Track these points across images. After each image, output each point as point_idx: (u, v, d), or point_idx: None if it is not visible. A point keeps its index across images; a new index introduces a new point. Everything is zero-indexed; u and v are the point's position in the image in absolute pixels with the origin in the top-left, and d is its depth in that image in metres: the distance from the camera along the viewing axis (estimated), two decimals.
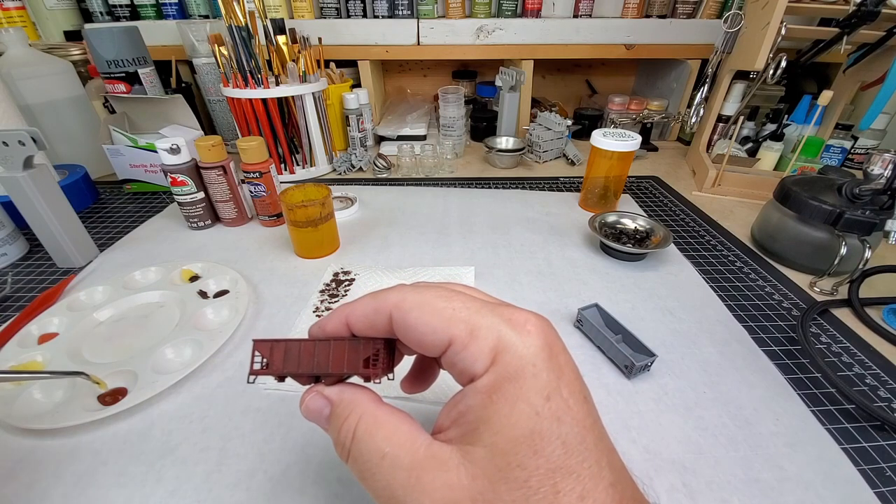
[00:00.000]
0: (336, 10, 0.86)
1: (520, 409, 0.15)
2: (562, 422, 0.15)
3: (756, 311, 0.45)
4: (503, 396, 0.15)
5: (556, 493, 0.14)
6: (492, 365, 0.16)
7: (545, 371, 0.16)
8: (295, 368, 0.20)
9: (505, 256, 0.53)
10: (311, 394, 0.20)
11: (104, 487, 0.28)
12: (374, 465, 0.17)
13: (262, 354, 0.20)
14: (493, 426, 0.15)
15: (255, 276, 0.49)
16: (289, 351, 0.20)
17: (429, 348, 0.18)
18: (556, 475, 0.14)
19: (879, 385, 0.37)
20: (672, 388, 0.36)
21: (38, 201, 0.47)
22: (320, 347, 0.20)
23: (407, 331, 0.18)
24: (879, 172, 0.46)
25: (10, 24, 0.81)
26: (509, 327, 0.17)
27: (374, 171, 0.78)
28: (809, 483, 0.29)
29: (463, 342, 0.17)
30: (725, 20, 0.70)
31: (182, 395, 0.35)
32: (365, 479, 0.17)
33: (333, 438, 0.19)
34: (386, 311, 0.19)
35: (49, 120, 0.69)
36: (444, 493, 0.15)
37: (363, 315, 0.19)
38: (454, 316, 0.17)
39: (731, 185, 0.73)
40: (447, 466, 0.15)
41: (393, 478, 0.16)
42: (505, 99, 0.85)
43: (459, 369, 0.17)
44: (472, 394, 0.16)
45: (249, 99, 0.67)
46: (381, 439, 0.17)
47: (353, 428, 0.18)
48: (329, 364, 0.20)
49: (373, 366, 0.19)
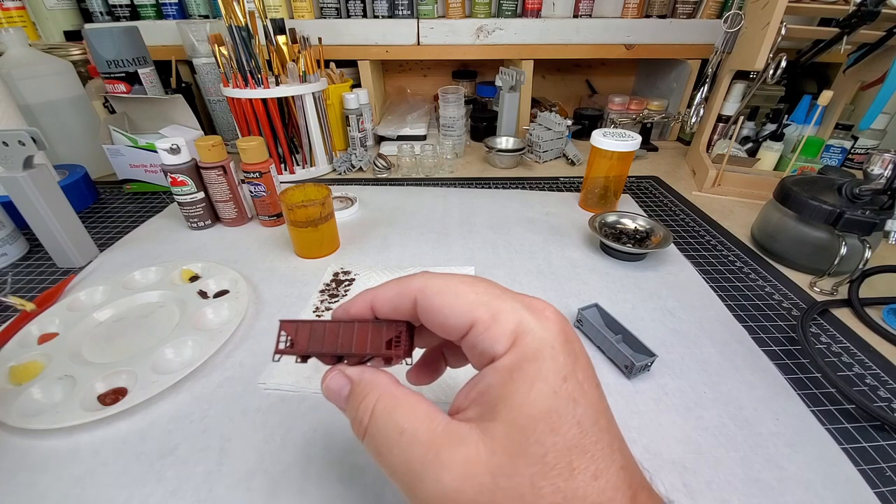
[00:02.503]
0: (336, 10, 0.86)
1: (538, 388, 0.16)
2: (577, 403, 0.16)
3: (756, 311, 0.45)
4: (523, 375, 0.16)
5: (572, 470, 0.15)
6: (512, 346, 0.17)
7: (562, 354, 0.17)
8: (319, 348, 0.20)
9: (505, 256, 0.53)
10: (332, 373, 0.20)
11: (104, 487, 0.28)
12: (392, 441, 0.17)
13: (287, 334, 0.21)
14: (512, 403, 0.16)
15: (255, 276, 0.49)
16: (314, 331, 0.21)
17: (451, 330, 0.18)
18: (572, 453, 0.15)
19: (879, 385, 0.37)
20: (672, 388, 0.36)
21: (38, 201, 0.47)
22: (344, 328, 0.20)
23: (431, 313, 0.19)
24: (879, 172, 0.46)
25: (10, 24, 0.81)
26: (529, 313, 0.17)
27: (374, 171, 0.78)
28: (809, 483, 0.29)
29: (485, 324, 0.17)
30: (725, 20, 0.70)
31: (182, 395, 0.35)
32: (382, 456, 0.17)
33: (351, 417, 0.19)
34: (411, 294, 0.19)
35: (49, 120, 0.69)
36: (464, 468, 0.15)
37: (387, 298, 0.20)
38: (477, 300, 0.18)
39: (731, 185, 0.73)
40: (466, 442, 0.16)
41: (411, 453, 0.16)
42: (505, 99, 0.85)
43: (480, 350, 0.17)
44: (493, 373, 0.17)
45: (249, 99, 0.67)
46: (400, 416, 0.17)
47: (372, 406, 0.18)
48: (353, 344, 0.20)
49: (395, 347, 0.20)
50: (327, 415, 0.33)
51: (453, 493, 0.15)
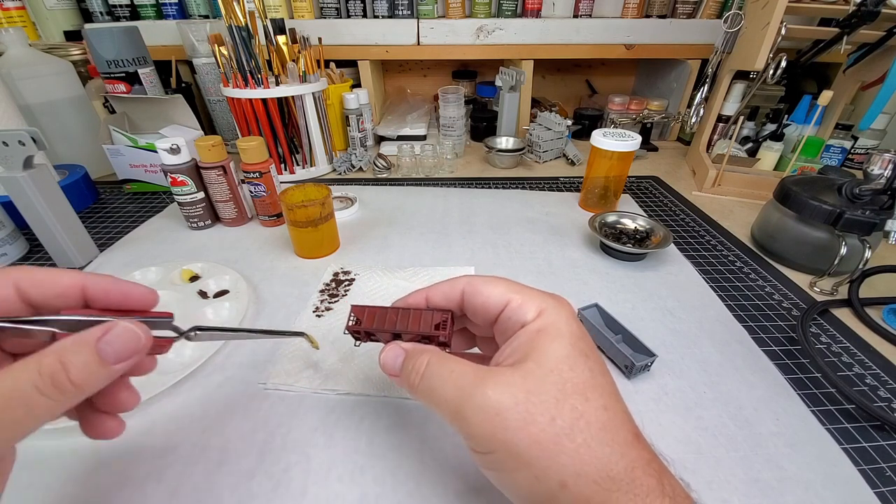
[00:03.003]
0: (336, 10, 0.86)
1: (559, 342, 0.21)
2: (588, 357, 0.21)
3: (756, 311, 0.45)
4: (547, 334, 0.22)
5: (586, 399, 0.20)
6: (537, 317, 0.22)
7: (574, 326, 0.22)
8: (381, 326, 0.26)
9: (505, 256, 0.53)
10: (389, 346, 0.25)
11: (104, 487, 0.28)
12: (443, 380, 0.22)
13: (356, 315, 0.27)
14: (539, 351, 0.21)
15: (255, 276, 0.49)
16: (378, 314, 0.26)
17: (490, 308, 0.24)
18: (586, 387, 0.20)
19: (879, 385, 0.37)
20: (672, 388, 0.36)
21: (38, 201, 0.47)
22: (402, 313, 0.26)
23: (476, 296, 0.24)
24: (879, 172, 0.46)
25: (10, 24, 0.81)
26: (550, 298, 0.23)
27: (374, 171, 0.78)
28: (809, 483, 0.29)
29: (518, 302, 0.23)
30: (725, 20, 0.70)
31: (182, 395, 0.35)
32: (433, 391, 0.22)
33: (405, 376, 0.24)
34: (459, 286, 0.25)
35: (49, 120, 0.69)
36: (503, 387, 0.20)
37: (440, 290, 0.26)
38: (510, 289, 0.24)
39: (731, 185, 0.73)
40: (505, 373, 0.21)
41: (462, 380, 0.21)
42: (505, 99, 0.85)
43: (513, 321, 0.23)
44: (524, 333, 0.22)
45: (249, 99, 0.67)
46: (451, 363, 0.22)
47: (424, 364, 0.23)
48: (408, 324, 0.26)
49: (442, 328, 0.25)
50: (327, 415, 0.33)
51: (496, 402, 0.19)
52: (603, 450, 0.19)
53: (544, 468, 0.19)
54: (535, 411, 0.19)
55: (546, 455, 0.19)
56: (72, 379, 0.17)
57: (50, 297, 0.21)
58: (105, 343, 0.18)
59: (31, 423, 0.17)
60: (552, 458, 0.18)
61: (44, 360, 0.17)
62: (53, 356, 0.17)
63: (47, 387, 0.17)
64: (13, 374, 0.17)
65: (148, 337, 0.20)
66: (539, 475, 0.19)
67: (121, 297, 0.22)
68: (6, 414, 0.16)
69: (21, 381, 0.17)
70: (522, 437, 0.19)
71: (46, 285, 0.21)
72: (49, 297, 0.21)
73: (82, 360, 0.18)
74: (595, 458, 0.18)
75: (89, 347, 0.18)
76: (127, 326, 0.19)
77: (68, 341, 0.18)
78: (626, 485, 0.18)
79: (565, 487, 0.18)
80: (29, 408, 0.17)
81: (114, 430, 0.22)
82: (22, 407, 0.17)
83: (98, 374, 0.18)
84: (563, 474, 0.18)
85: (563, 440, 0.19)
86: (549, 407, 0.19)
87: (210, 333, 0.25)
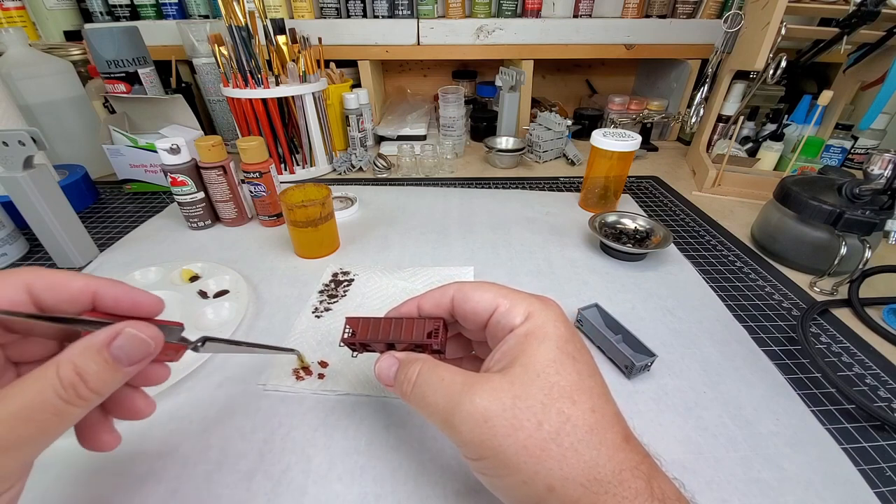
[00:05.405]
0: (336, 10, 0.86)
1: (546, 345, 0.21)
2: (576, 360, 0.21)
3: (756, 311, 0.45)
4: (535, 337, 0.22)
5: (573, 403, 0.20)
6: (526, 320, 0.22)
7: (563, 327, 0.22)
8: (375, 336, 0.27)
9: (505, 256, 0.53)
10: (384, 356, 0.26)
11: (104, 487, 0.28)
12: (435, 386, 0.22)
13: (351, 327, 0.27)
14: (527, 355, 0.21)
15: (255, 276, 0.49)
16: (371, 325, 0.27)
17: (480, 313, 0.24)
18: (573, 390, 0.20)
19: (879, 385, 0.37)
20: (672, 388, 0.36)
21: (38, 201, 0.47)
22: (395, 323, 0.27)
23: (465, 302, 0.25)
24: (879, 172, 0.46)
25: (10, 24, 0.81)
26: (537, 301, 0.24)
27: (374, 171, 0.78)
28: (809, 483, 0.29)
29: (506, 307, 0.23)
30: (725, 20, 0.70)
31: (182, 395, 0.35)
32: (425, 398, 0.22)
33: (398, 383, 0.24)
34: (449, 293, 0.26)
35: (49, 120, 0.69)
36: (490, 394, 0.20)
37: (431, 298, 0.26)
38: (499, 293, 0.24)
39: (731, 185, 0.73)
40: (493, 379, 0.21)
41: (451, 388, 0.21)
42: (505, 99, 0.85)
43: (502, 325, 0.23)
44: (512, 337, 0.22)
45: (249, 99, 0.67)
46: (441, 371, 0.22)
47: (416, 373, 0.23)
48: (401, 334, 0.26)
49: (434, 336, 0.25)
50: (327, 415, 0.33)
51: (484, 409, 0.20)
52: (590, 453, 0.19)
53: (532, 473, 0.19)
54: (521, 417, 0.19)
55: (533, 460, 0.19)
56: (89, 385, 0.18)
57: (61, 300, 0.21)
58: (117, 347, 0.19)
59: (59, 429, 0.18)
60: (539, 463, 0.19)
61: (61, 367, 0.18)
62: (69, 364, 0.18)
63: (70, 395, 0.18)
64: (36, 385, 0.17)
65: (159, 339, 0.20)
66: (527, 480, 0.19)
67: (131, 305, 0.22)
68: (29, 426, 0.17)
69: (45, 390, 0.17)
70: (510, 444, 0.19)
71: (58, 289, 0.21)
72: (60, 302, 0.21)
73: (95, 365, 0.18)
74: (582, 461, 0.19)
75: (101, 352, 0.18)
76: (137, 331, 0.20)
77: (78, 347, 0.18)
78: (613, 487, 0.18)
79: (553, 491, 0.19)
80: (55, 415, 0.17)
81: (109, 443, 0.22)
82: (48, 414, 0.17)
83: (113, 377, 0.19)
84: (550, 478, 0.19)
85: (549, 445, 0.19)
86: (536, 412, 0.19)
87: (216, 346, 0.25)
